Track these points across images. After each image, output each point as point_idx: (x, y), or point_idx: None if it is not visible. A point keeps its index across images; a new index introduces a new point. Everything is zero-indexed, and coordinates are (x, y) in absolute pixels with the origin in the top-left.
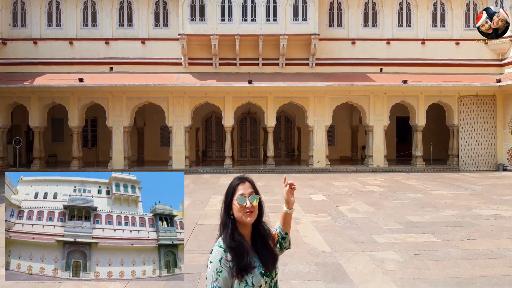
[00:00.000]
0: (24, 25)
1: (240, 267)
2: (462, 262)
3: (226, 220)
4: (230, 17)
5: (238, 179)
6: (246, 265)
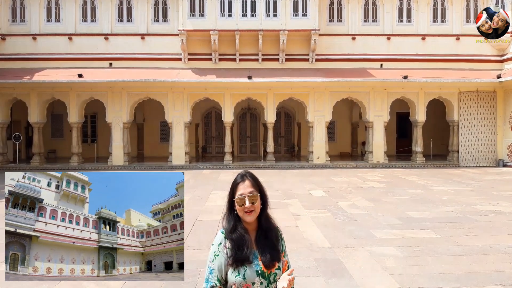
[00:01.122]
0: (23, 21)
1: (236, 258)
2: (462, 257)
3: (229, 217)
4: (229, 13)
5: (240, 177)
6: (242, 258)
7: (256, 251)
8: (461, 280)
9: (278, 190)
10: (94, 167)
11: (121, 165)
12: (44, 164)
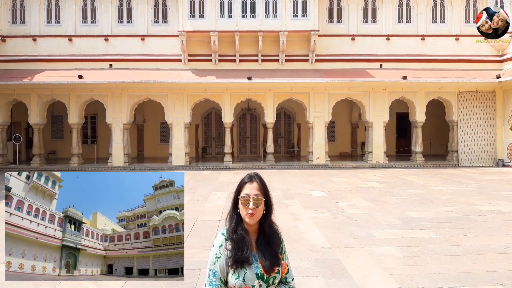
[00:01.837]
0: (23, 22)
1: (236, 259)
2: (461, 257)
3: (232, 214)
4: (229, 14)
5: (248, 177)
6: (242, 259)
7: (256, 254)
8: (460, 280)
9: (278, 190)
10: (94, 168)
11: (121, 166)
12: (44, 165)
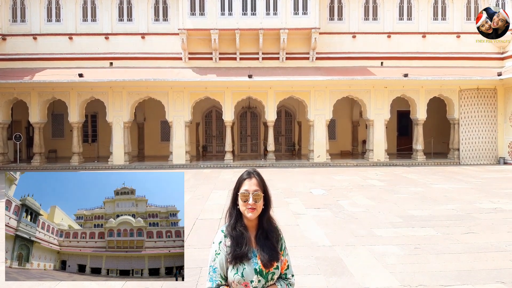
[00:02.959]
0: (24, 21)
1: (235, 255)
2: (463, 255)
3: (232, 211)
4: (230, 11)
5: (247, 173)
6: (241, 254)
7: (255, 250)
8: (461, 278)
9: (278, 188)
10: (94, 166)
11: (122, 164)
12: (44, 164)
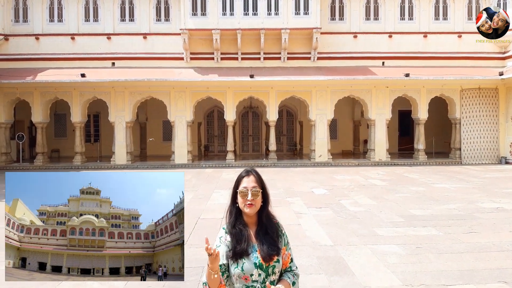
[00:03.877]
0: (26, 21)
1: (235, 252)
2: (464, 255)
3: (231, 209)
4: (231, 11)
5: (245, 172)
6: (240, 251)
7: (255, 245)
8: (463, 278)
9: (280, 188)
10: (97, 166)
11: (124, 164)
12: (47, 164)
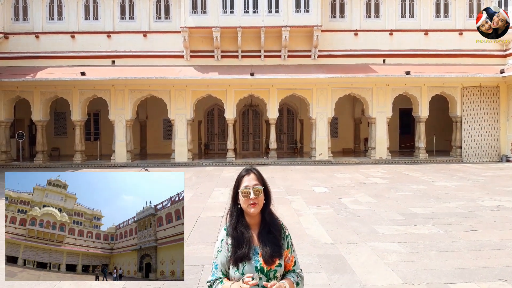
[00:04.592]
0: (26, 19)
1: (235, 257)
2: (465, 253)
3: (232, 210)
4: (231, 9)
5: (245, 170)
6: (241, 256)
7: (257, 247)
8: (464, 276)
9: (280, 186)
10: (97, 164)
11: (124, 162)
12: (47, 162)
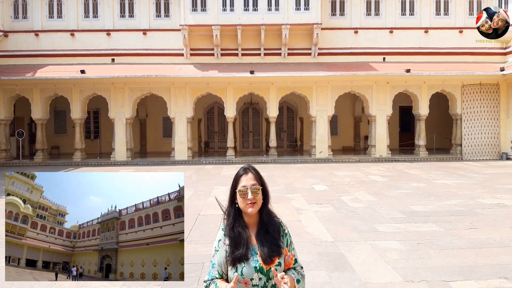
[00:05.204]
0: (26, 17)
1: (233, 257)
2: (465, 251)
3: (230, 210)
4: (231, 7)
5: (243, 170)
6: (239, 256)
7: (255, 247)
8: (464, 273)
9: (280, 184)
10: (97, 163)
11: (124, 160)
12: (47, 160)
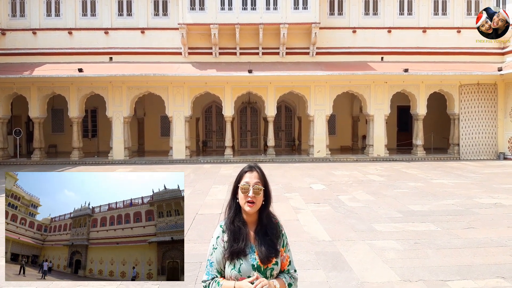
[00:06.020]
0: (23, 15)
1: (231, 251)
2: (462, 250)
3: (231, 204)
4: (230, 6)
5: (248, 167)
6: (237, 250)
7: (253, 245)
8: (461, 273)
9: (278, 183)
10: (94, 161)
11: (122, 159)
12: (44, 159)
